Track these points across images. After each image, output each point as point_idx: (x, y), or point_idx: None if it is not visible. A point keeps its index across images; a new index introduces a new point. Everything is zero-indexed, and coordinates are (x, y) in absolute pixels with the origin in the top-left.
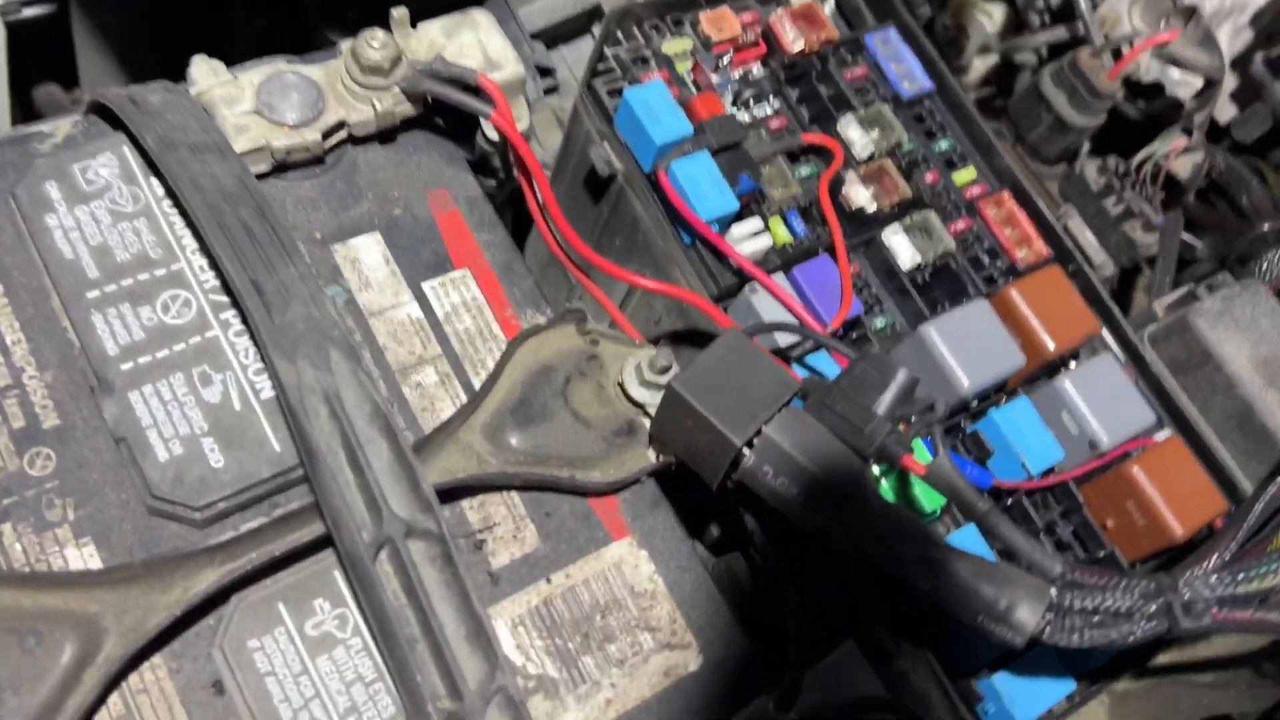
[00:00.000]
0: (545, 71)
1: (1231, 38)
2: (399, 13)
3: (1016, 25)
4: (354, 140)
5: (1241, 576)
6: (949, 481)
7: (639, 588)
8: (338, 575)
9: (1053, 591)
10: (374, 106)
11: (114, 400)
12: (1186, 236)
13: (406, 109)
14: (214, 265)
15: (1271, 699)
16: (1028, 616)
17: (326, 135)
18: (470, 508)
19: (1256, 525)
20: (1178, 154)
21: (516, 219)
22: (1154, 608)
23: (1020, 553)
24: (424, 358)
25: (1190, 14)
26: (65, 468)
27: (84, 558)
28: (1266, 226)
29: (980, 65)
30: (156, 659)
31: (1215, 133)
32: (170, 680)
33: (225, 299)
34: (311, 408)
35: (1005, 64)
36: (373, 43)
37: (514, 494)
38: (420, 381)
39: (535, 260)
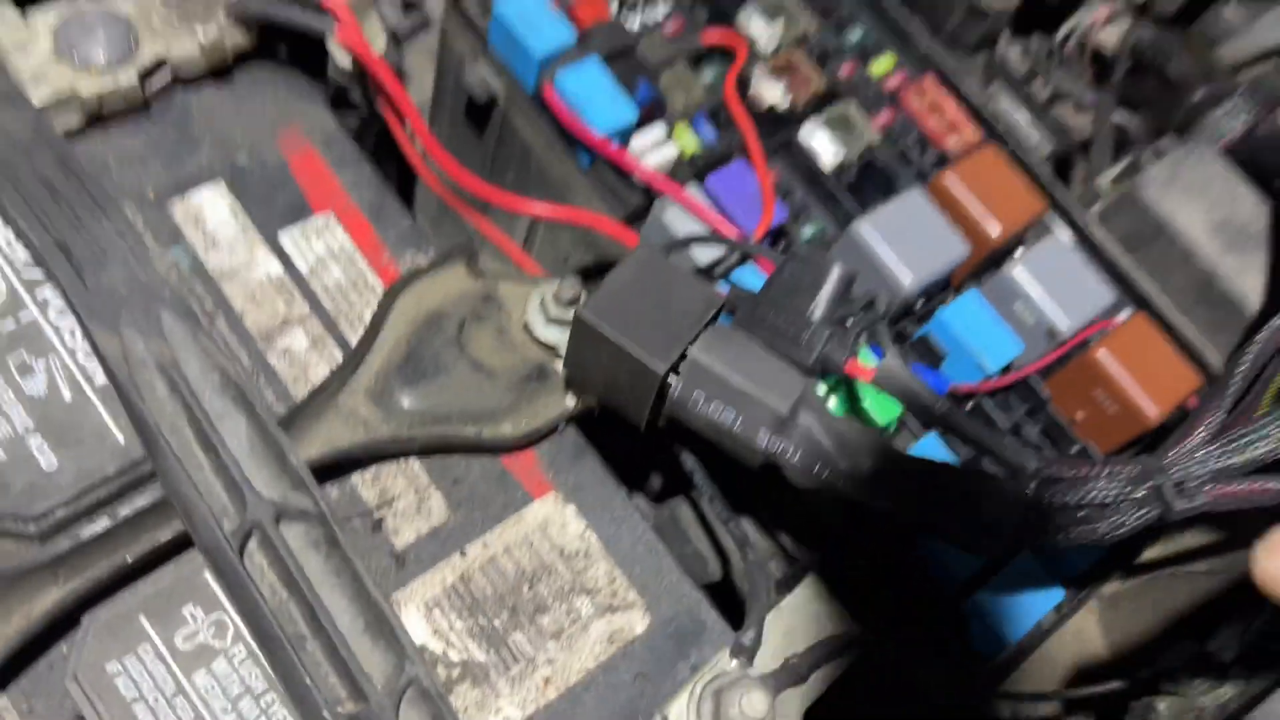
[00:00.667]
0: (411, 5)
1: None
2: None
3: None
4: (182, 82)
5: (1233, 447)
6: (901, 383)
7: (569, 548)
8: (209, 576)
9: (1029, 490)
10: (198, 37)
11: None
12: (1119, 117)
13: (238, 39)
14: (20, 235)
15: None
16: (1004, 522)
17: (145, 76)
18: (363, 483)
19: (1240, 392)
20: (1102, 24)
21: (402, 173)
22: (1142, 493)
23: (988, 451)
24: (290, 319)
25: None
26: None
27: None
28: (1201, 92)
29: None
30: (2, 701)
31: (1137, 9)
32: None
33: (41, 275)
34: (144, 382)
35: None
36: None
37: (413, 462)
38: (289, 347)
39: (424, 217)
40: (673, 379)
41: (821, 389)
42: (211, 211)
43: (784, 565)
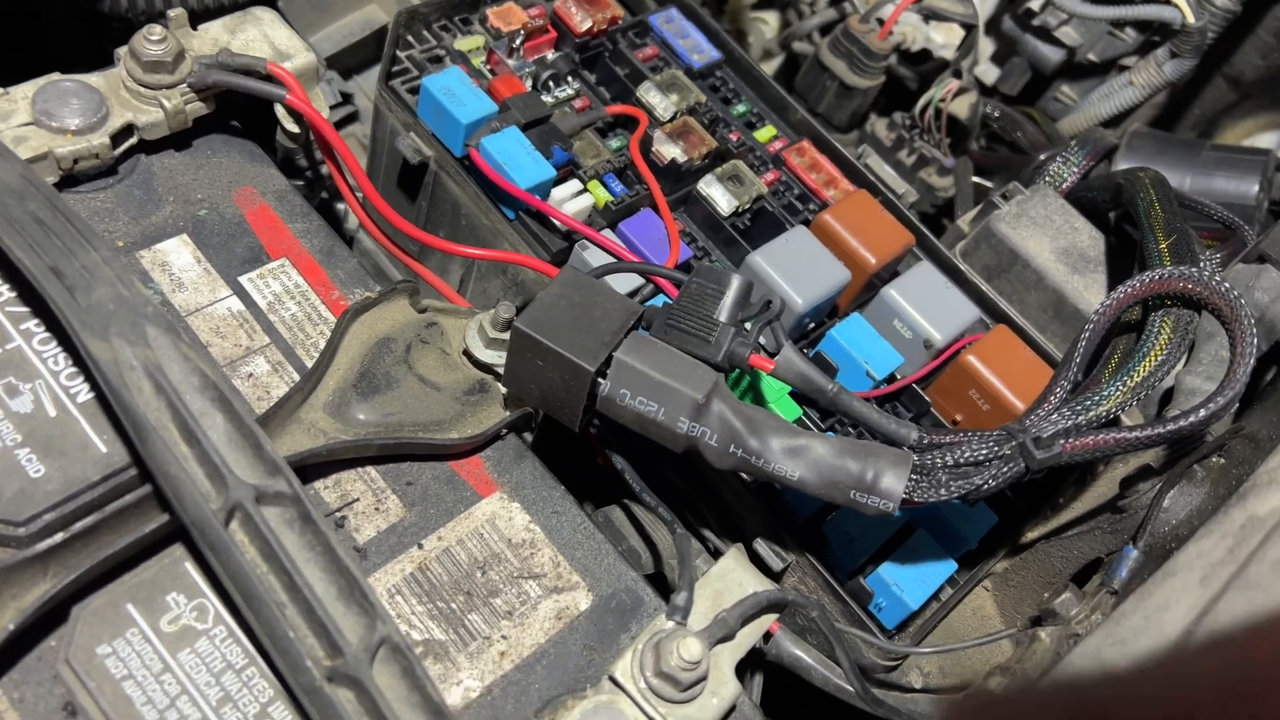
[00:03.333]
0: (343, 97)
1: (981, 2)
2: (175, 12)
3: (789, 23)
4: (147, 147)
5: (1080, 407)
6: (798, 370)
7: (516, 538)
8: (190, 567)
9: (914, 456)
10: (163, 106)
11: None
12: (978, 180)
13: (198, 107)
14: (7, 276)
15: (1130, 529)
16: (894, 482)
17: (115, 140)
18: (325, 487)
19: (1084, 364)
20: (953, 95)
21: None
22: (1008, 450)
23: (875, 426)
24: (251, 348)
25: None
26: None
27: None
28: (1043, 155)
29: (767, 69)
30: None
31: (985, 92)
32: (14, 711)
33: (24, 309)
34: (133, 383)
35: (790, 61)
36: (150, 38)
37: (370, 468)
38: (251, 372)
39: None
40: (602, 380)
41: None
42: (176, 259)
43: (708, 557)
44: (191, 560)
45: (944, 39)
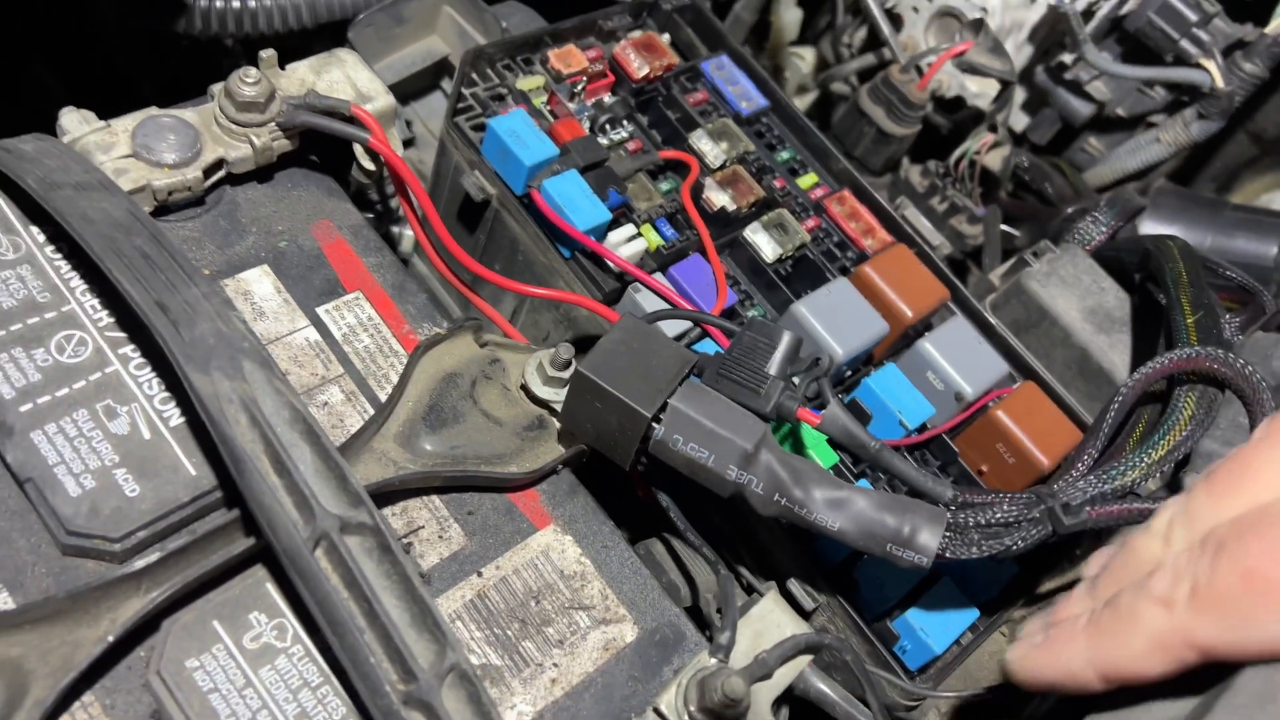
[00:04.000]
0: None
1: (1014, 53)
2: (267, 54)
3: (825, 64)
4: (232, 180)
5: (1106, 476)
6: (843, 426)
7: (568, 570)
8: (270, 588)
9: (948, 514)
10: (252, 143)
11: (14, 443)
12: (1006, 228)
13: (284, 144)
14: (108, 302)
15: None
16: (929, 538)
17: (207, 174)
18: (393, 514)
19: (1109, 433)
20: (988, 148)
21: None
22: (1036, 514)
23: (913, 483)
24: (327, 378)
25: (978, 27)
26: None
27: None
28: (1071, 209)
29: (800, 105)
30: (88, 697)
31: (1015, 140)
32: (105, 717)
33: (121, 335)
34: (231, 416)
35: (824, 98)
36: (246, 79)
37: (434, 497)
38: (327, 400)
39: None
40: (656, 425)
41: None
42: (258, 288)
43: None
44: (272, 581)
45: (978, 88)
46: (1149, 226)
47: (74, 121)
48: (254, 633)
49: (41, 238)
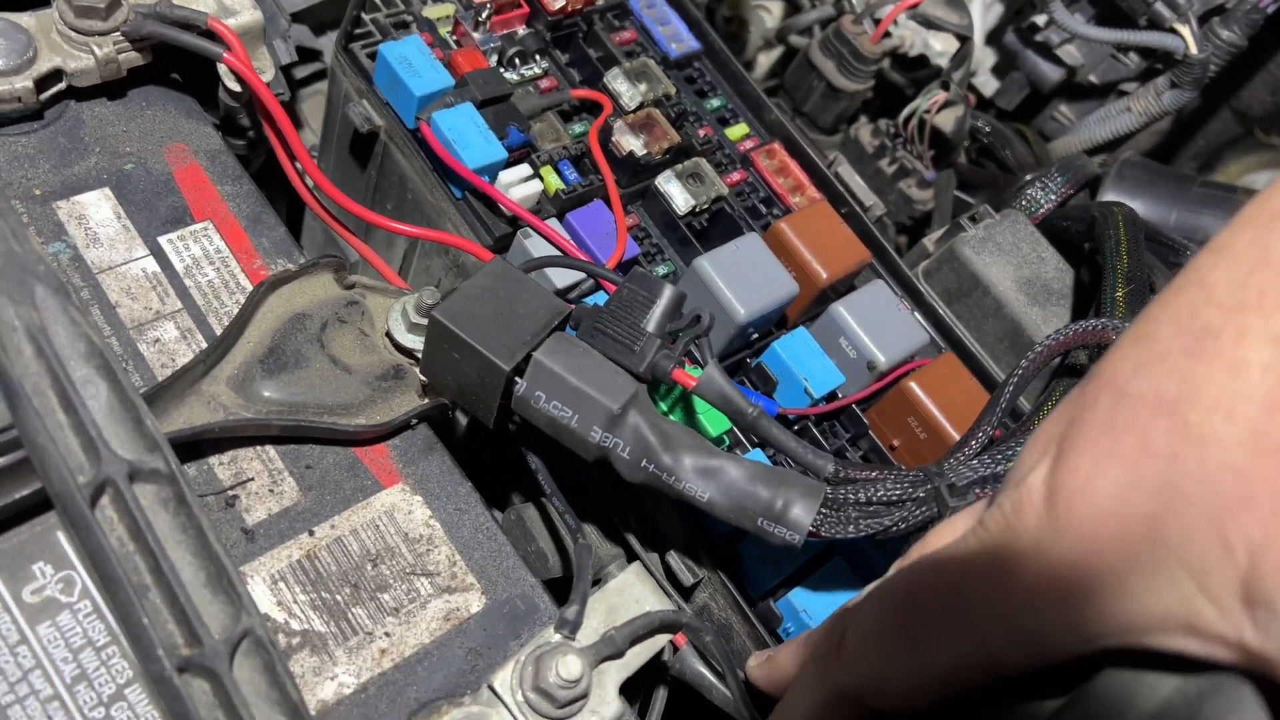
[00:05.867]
0: (311, 54)
1: (983, 13)
2: None
3: (792, 13)
4: (77, 94)
5: (1001, 457)
6: (720, 391)
7: (414, 533)
8: (61, 536)
9: (827, 488)
10: (94, 53)
11: None
12: (961, 195)
13: (133, 57)
14: None
15: None
16: (802, 514)
17: (41, 85)
18: (220, 464)
19: (1004, 411)
20: (939, 108)
21: (291, 204)
22: (922, 493)
23: (792, 455)
24: (161, 313)
25: None
26: None
27: None
28: (1029, 177)
29: (764, 60)
30: None
31: (982, 104)
32: None
33: None
34: (13, 345)
35: (786, 52)
36: None
37: (269, 448)
38: (159, 337)
39: (310, 243)
40: (518, 379)
41: (663, 406)
42: (95, 212)
43: (623, 563)
44: (65, 530)
45: (943, 46)
46: (1111, 198)
47: None
48: (36, 584)
49: None
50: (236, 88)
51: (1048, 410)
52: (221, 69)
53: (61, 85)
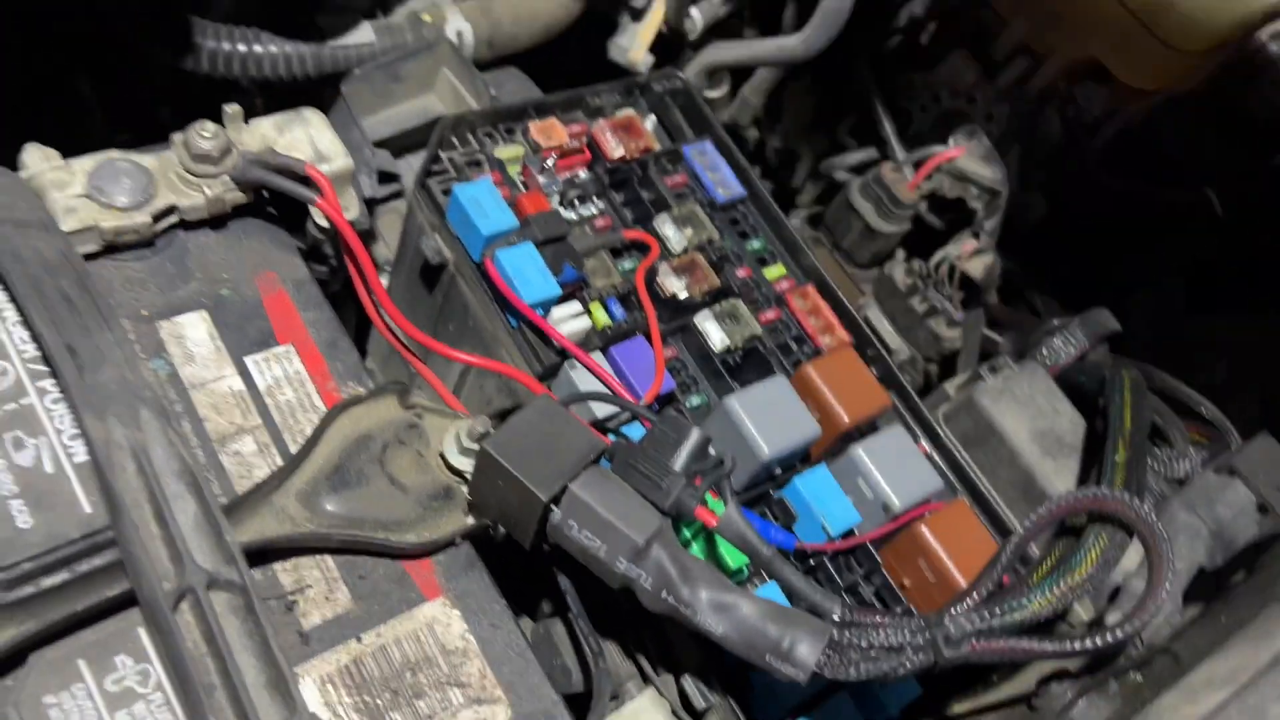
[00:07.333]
0: (390, 177)
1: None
2: (231, 109)
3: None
4: (186, 225)
5: (998, 611)
6: (738, 531)
7: (450, 645)
8: (142, 632)
9: (833, 630)
10: (204, 193)
11: None
12: (989, 333)
13: (237, 196)
14: (34, 336)
15: None
16: (808, 654)
17: (157, 219)
18: (283, 570)
19: (1007, 566)
20: (969, 255)
21: (360, 321)
22: (920, 641)
23: (801, 595)
24: (243, 427)
25: (973, 134)
26: None
27: None
28: (1055, 321)
29: (813, 188)
30: None
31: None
32: None
33: (44, 369)
34: (119, 463)
35: (830, 183)
36: (203, 133)
37: (328, 557)
38: (239, 450)
39: (377, 355)
40: (554, 508)
41: (687, 534)
42: (192, 332)
43: (640, 682)
44: (145, 626)
45: (979, 193)
46: None
47: (35, 158)
48: (117, 675)
49: None
50: (325, 224)
51: (1043, 572)
52: (312, 208)
53: (174, 219)
